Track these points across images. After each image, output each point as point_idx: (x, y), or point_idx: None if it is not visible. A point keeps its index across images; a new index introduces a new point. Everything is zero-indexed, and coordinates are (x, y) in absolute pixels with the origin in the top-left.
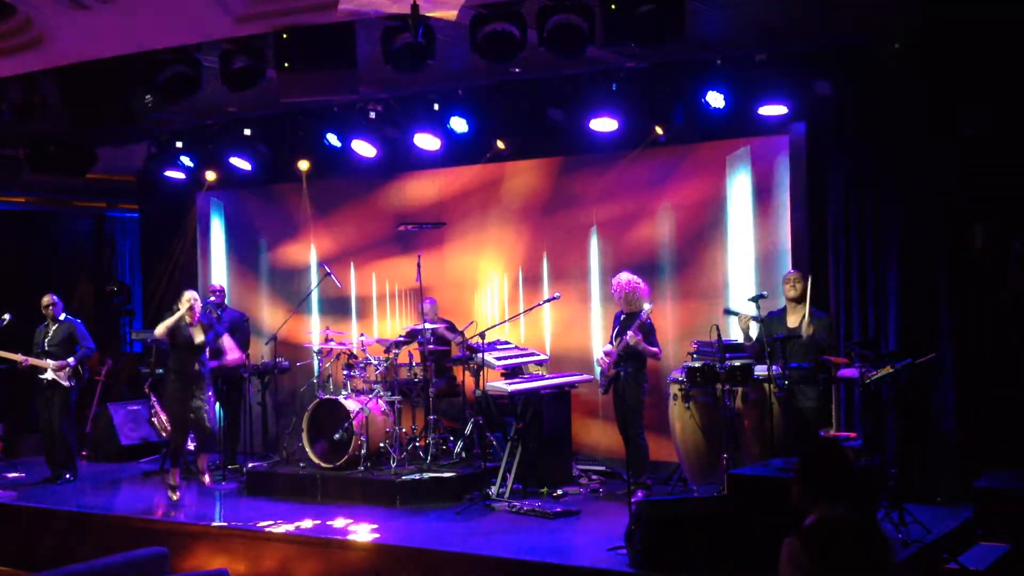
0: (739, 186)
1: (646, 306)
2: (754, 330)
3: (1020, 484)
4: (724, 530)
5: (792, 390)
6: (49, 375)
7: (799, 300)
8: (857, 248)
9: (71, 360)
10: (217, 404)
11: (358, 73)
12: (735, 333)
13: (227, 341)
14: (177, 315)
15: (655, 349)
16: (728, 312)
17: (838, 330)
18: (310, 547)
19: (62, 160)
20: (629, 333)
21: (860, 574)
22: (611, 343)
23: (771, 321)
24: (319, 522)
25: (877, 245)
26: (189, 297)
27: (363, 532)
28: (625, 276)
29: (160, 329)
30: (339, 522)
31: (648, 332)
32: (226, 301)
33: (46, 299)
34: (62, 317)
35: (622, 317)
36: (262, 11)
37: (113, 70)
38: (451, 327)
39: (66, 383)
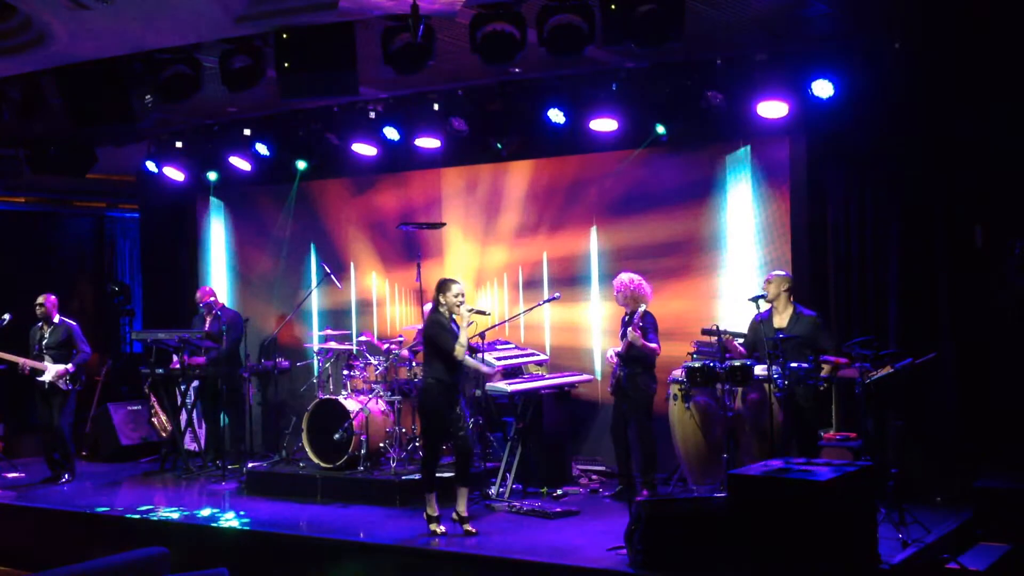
0: (739, 187)
1: (641, 307)
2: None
3: (1020, 484)
4: (724, 530)
5: (792, 390)
6: (48, 377)
7: (771, 301)
8: (857, 248)
9: (70, 367)
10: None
11: (358, 73)
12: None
13: None
14: (466, 323)
15: (653, 345)
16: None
17: (835, 329)
18: (310, 547)
19: (62, 160)
20: (629, 331)
21: None
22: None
23: (759, 324)
24: (319, 522)
25: (877, 245)
26: (462, 292)
27: (362, 532)
28: (627, 276)
29: (460, 351)
30: (338, 522)
31: (648, 329)
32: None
33: (41, 299)
34: (56, 319)
35: (626, 318)
36: (262, 11)
37: (113, 70)
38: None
39: (65, 387)
